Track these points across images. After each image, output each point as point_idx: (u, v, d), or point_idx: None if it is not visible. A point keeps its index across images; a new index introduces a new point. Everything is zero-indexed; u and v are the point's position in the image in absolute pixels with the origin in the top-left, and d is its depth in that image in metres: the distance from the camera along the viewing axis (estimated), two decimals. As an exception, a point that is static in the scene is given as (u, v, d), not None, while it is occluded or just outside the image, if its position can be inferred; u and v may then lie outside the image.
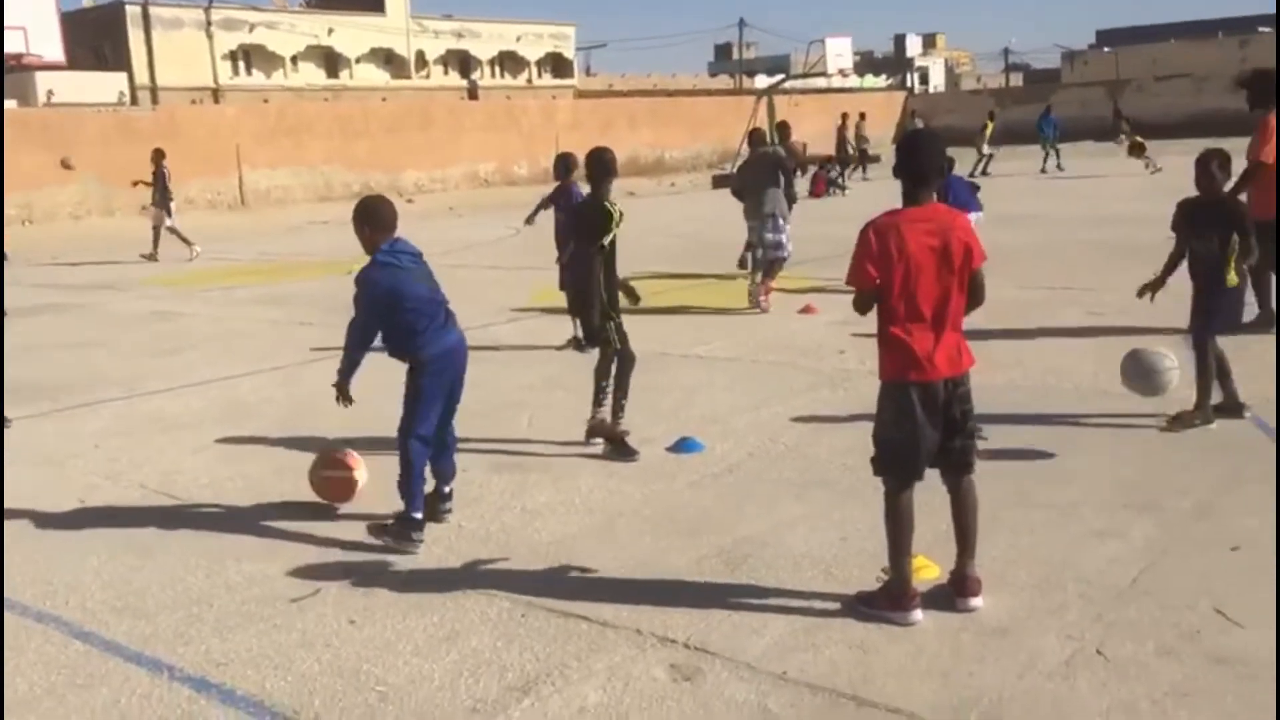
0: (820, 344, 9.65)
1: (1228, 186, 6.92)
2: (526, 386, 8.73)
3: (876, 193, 15.59)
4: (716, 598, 4.55)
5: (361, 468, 5.95)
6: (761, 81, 75.83)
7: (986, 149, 31.70)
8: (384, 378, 5.94)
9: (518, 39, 69.31)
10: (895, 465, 4.29)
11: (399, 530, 5.33)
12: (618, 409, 6.81)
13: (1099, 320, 9.98)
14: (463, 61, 67.20)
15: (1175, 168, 28.99)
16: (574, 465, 6.57)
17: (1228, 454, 6.07)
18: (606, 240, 6.66)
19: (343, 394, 5.55)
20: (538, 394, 8.47)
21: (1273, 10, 70.05)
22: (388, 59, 64.48)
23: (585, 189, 7.27)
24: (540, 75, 70.07)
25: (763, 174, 12.01)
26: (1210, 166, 6.50)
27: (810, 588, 4.62)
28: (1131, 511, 5.27)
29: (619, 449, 6.70)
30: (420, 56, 65.44)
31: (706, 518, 5.55)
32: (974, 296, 4.27)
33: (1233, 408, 6.64)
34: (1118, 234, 16.02)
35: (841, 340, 9.73)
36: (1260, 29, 64.24)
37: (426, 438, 5.47)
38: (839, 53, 36.74)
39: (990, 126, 33.25)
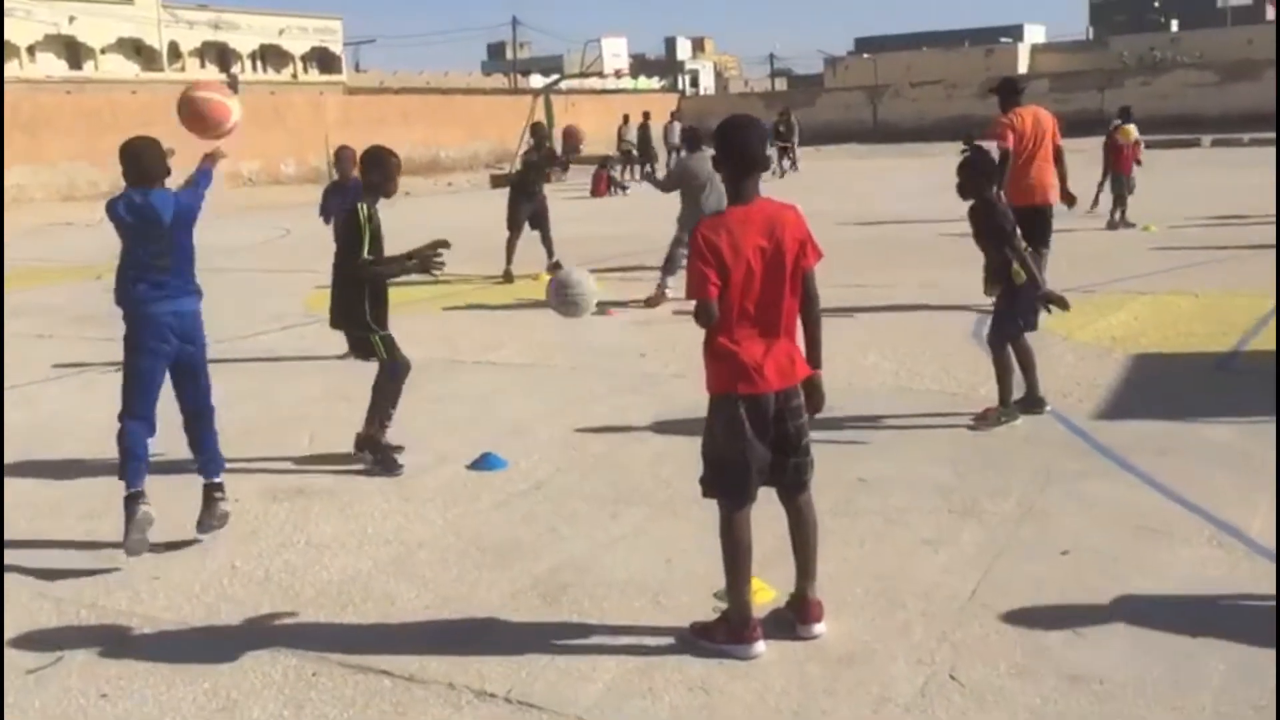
0: (619, 346, 9.29)
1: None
2: (307, 399, 8.00)
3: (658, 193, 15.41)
4: (537, 638, 4.07)
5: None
6: (536, 81, 75.49)
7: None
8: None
9: (280, 32, 66.35)
10: (727, 485, 3.92)
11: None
12: (384, 418, 6.26)
13: (892, 317, 10.03)
14: (221, 54, 63.81)
15: (935, 167, 30.46)
16: (363, 488, 5.95)
17: (1037, 450, 6.04)
18: (365, 253, 6.08)
19: None
20: (319, 407, 7.76)
21: (1012, 22, 75.09)
22: (137, 50, 60.48)
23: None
24: (306, 71, 67.31)
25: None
26: (967, 171, 6.52)
27: (639, 620, 4.21)
28: (956, 517, 5.11)
29: (384, 462, 6.15)
30: (174, 48, 61.69)
31: (517, 543, 5.06)
32: (808, 299, 3.94)
33: (1034, 402, 6.66)
34: (889, 232, 16.42)
35: (640, 341, 9.41)
36: (1002, 39, 68.57)
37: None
38: (615, 53, 36.97)
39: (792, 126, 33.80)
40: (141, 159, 5.07)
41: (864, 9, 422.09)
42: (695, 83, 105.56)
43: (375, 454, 6.19)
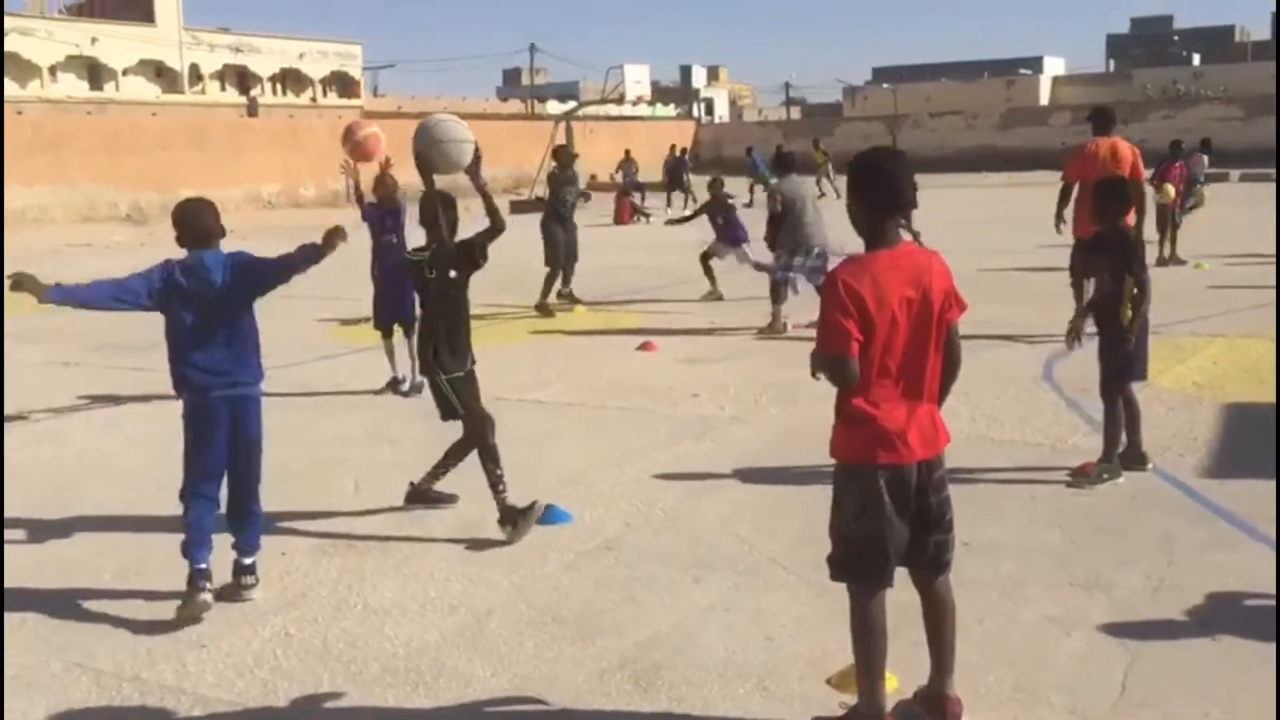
0: (670, 386, 8.85)
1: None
2: (347, 440, 7.58)
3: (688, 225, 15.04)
4: (638, 732, 3.62)
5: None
6: (554, 107, 75.51)
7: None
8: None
9: (301, 56, 66.42)
10: (862, 568, 3.46)
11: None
12: (496, 482, 5.61)
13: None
14: (241, 77, 63.88)
15: (959, 200, 30.01)
16: (419, 543, 5.51)
17: (1150, 513, 5.57)
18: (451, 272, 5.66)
19: None
20: (360, 448, 7.34)
21: (1029, 54, 74.87)
22: (158, 72, 60.56)
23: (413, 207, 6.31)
24: (325, 94, 67.36)
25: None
26: (1108, 195, 6.06)
27: (749, 711, 3.75)
28: (1080, 591, 4.65)
29: (521, 514, 5.53)
30: (194, 70, 61.76)
31: (596, 613, 4.60)
32: (950, 357, 3.49)
33: (1137, 458, 6.19)
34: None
35: (691, 381, 8.97)
36: (1021, 70, 68.32)
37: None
38: (638, 79, 36.57)
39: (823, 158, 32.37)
40: (199, 219, 4.70)
41: (880, 40, 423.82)
42: (710, 110, 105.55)
43: (508, 518, 5.54)
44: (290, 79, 66.76)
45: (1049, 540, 5.22)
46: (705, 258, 13.48)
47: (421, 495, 5.96)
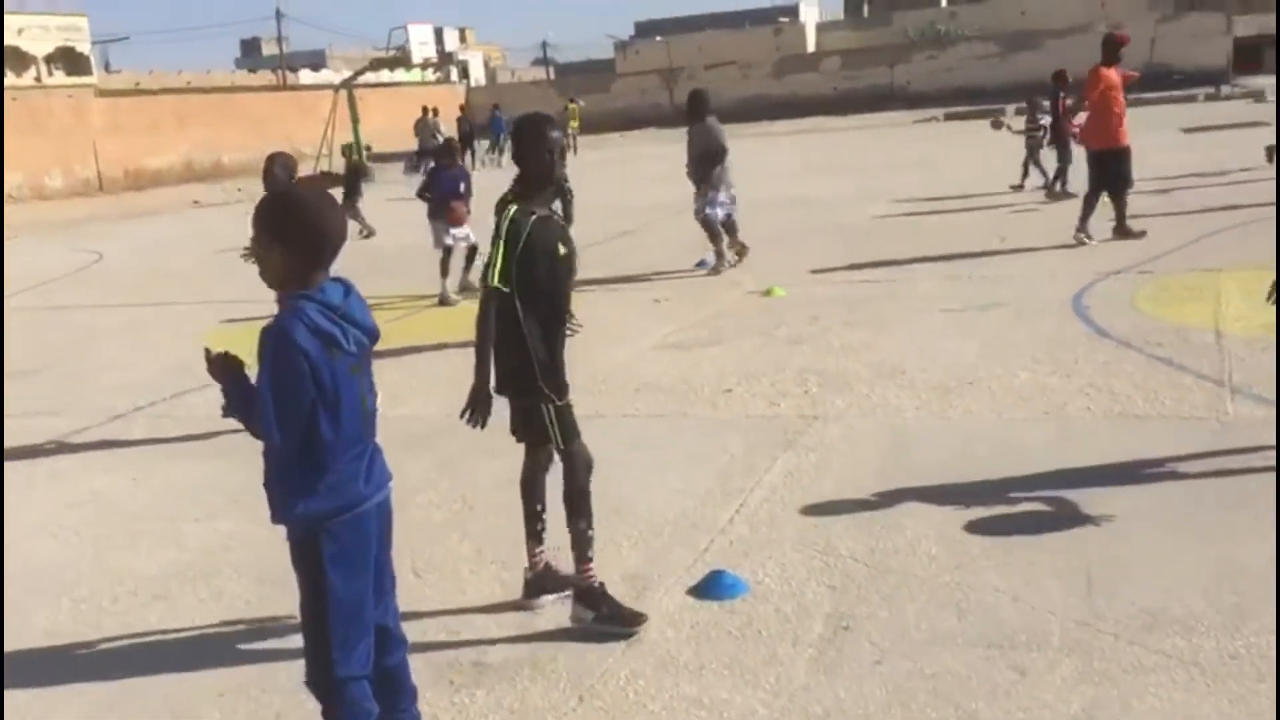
0: (687, 380, 7.42)
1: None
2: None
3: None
4: None
5: None
6: (306, 76, 71.16)
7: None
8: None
9: (20, 32, 59.63)
10: None
11: None
12: (581, 542, 4.18)
13: (971, 315, 8.55)
14: (-53, 57, 56.77)
15: (755, 150, 29.16)
16: (574, 651, 3.96)
17: None
18: (497, 277, 4.04)
19: None
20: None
21: (785, 3, 75.98)
22: None
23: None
24: (51, 73, 60.87)
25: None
26: None
27: None
28: None
29: (614, 614, 4.10)
30: (-112, 53, 54.42)
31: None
32: None
33: None
34: (810, 218, 15.04)
35: (704, 371, 7.59)
36: (780, 19, 69.12)
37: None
38: (423, 40, 34.22)
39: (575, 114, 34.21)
40: (330, 227, 2.91)
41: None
42: (466, 74, 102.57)
43: (589, 603, 4.13)
44: (10, 57, 59.90)
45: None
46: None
47: (545, 581, 4.37)
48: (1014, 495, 5.02)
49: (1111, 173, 11.12)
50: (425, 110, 34.63)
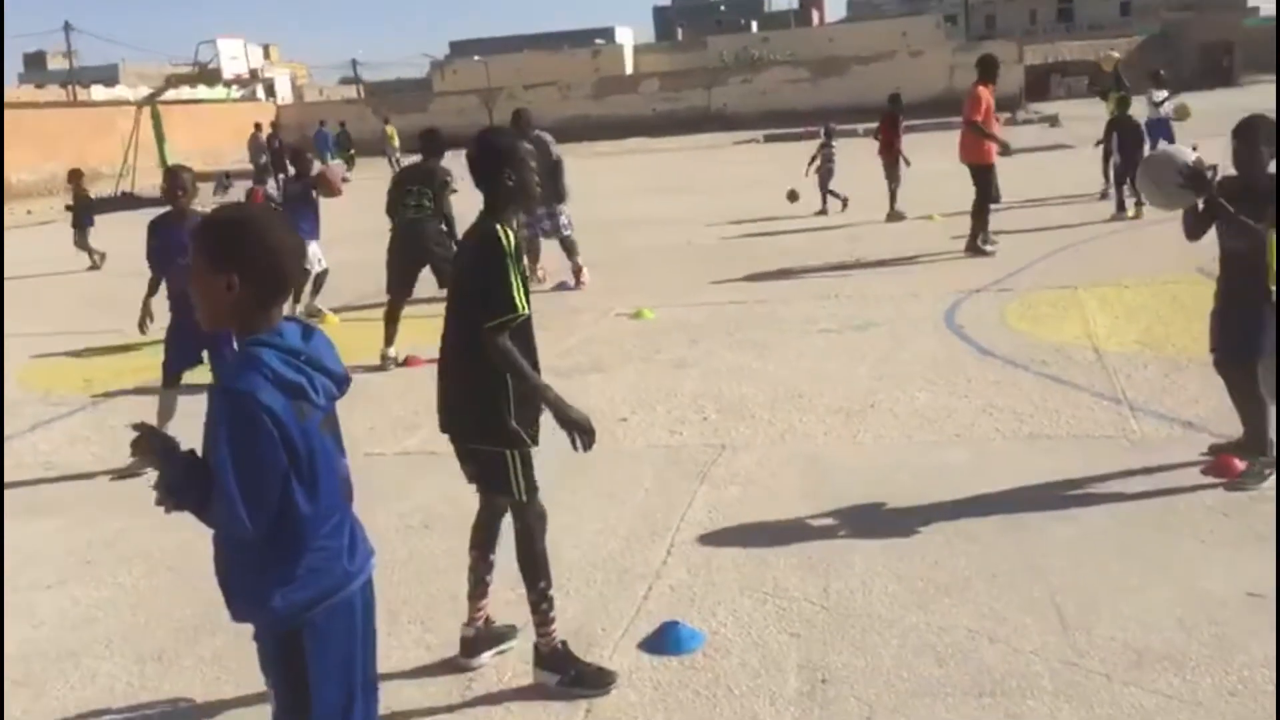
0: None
1: None
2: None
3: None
4: None
5: None
6: (99, 92, 67.41)
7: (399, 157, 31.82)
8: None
9: None
10: None
11: None
12: (543, 604, 3.81)
13: (858, 338, 8.48)
14: None
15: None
16: (527, 711, 3.56)
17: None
18: (519, 302, 3.69)
19: None
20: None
21: (591, 26, 76.49)
22: None
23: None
24: None
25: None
26: (1251, 137, 5.06)
27: None
28: None
29: (581, 676, 3.75)
30: None
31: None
32: None
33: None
34: (650, 240, 14.89)
35: (591, 402, 7.23)
36: (597, 41, 69.53)
37: None
38: (234, 55, 32.69)
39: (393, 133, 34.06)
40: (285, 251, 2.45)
41: (445, 12, 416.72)
42: (272, 91, 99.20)
43: (554, 666, 3.73)
44: None
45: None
46: None
47: (482, 638, 3.96)
48: (950, 523, 4.87)
49: (984, 187, 11.55)
50: (258, 127, 33.81)
